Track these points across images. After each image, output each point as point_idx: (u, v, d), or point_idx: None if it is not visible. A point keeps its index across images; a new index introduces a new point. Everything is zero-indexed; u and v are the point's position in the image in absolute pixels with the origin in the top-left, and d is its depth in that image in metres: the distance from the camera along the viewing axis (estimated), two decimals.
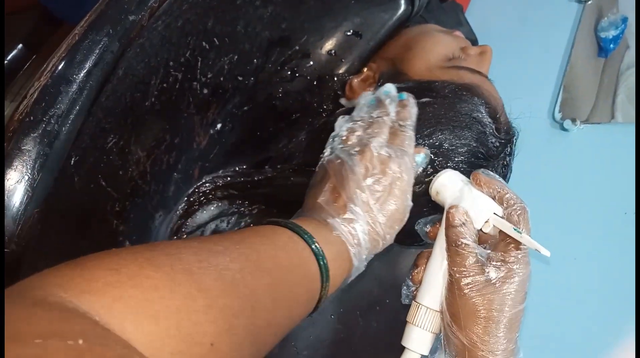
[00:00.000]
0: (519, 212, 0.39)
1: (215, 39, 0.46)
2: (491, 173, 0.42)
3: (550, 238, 0.66)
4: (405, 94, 0.45)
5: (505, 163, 0.48)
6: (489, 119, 0.47)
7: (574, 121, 0.71)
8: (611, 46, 0.77)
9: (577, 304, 0.63)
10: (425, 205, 0.45)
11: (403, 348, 0.42)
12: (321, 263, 0.36)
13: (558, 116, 0.72)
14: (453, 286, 0.38)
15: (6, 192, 0.32)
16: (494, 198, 0.40)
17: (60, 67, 0.33)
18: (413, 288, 0.42)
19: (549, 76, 0.75)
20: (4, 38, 0.55)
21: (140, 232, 0.47)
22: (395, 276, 0.60)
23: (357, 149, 0.41)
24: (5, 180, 0.32)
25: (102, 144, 0.41)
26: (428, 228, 0.43)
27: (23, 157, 0.32)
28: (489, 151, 0.46)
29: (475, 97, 0.47)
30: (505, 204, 0.40)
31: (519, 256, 0.38)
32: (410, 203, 0.42)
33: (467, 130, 0.45)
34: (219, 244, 0.32)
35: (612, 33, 0.77)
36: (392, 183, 0.40)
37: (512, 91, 0.52)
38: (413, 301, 0.41)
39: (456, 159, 0.45)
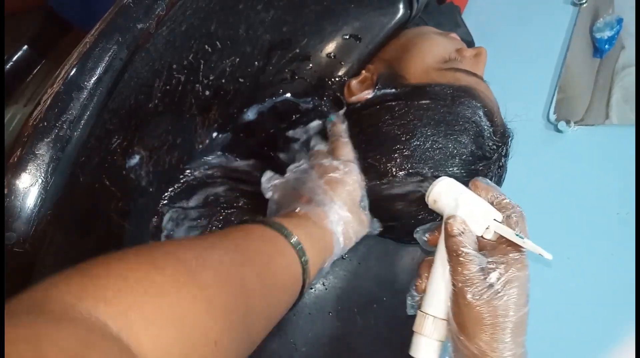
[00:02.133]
0: (517, 218, 0.40)
1: (217, 42, 0.47)
2: (488, 180, 0.43)
3: (544, 237, 0.67)
4: (333, 116, 0.50)
5: (500, 164, 0.49)
6: (487, 122, 0.48)
7: (568, 122, 0.72)
8: (606, 46, 0.78)
9: (571, 303, 0.64)
10: (420, 210, 0.46)
11: (409, 355, 0.42)
12: (297, 248, 0.38)
13: (553, 117, 0.73)
14: (457, 296, 0.38)
15: (20, 194, 0.33)
16: (492, 204, 0.41)
17: (72, 74, 0.35)
18: (418, 298, 0.43)
19: (544, 77, 0.76)
20: (4, 41, 0.56)
21: (144, 230, 0.48)
22: (393, 274, 0.62)
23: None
24: (20, 183, 0.33)
25: (106, 145, 0.42)
26: (427, 237, 0.43)
27: (37, 161, 0.33)
28: (485, 153, 0.47)
29: (473, 100, 0.47)
30: (503, 210, 0.40)
31: (518, 259, 0.39)
32: (362, 183, 0.45)
33: (465, 134, 0.46)
34: (207, 240, 0.34)
35: (607, 34, 0.78)
36: (343, 174, 0.44)
37: (507, 92, 0.53)
38: (419, 311, 0.41)
39: (454, 162, 0.46)
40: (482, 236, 0.40)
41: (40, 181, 0.33)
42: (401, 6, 0.53)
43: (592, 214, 0.66)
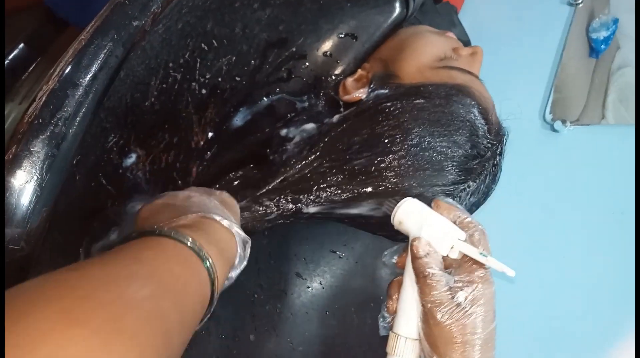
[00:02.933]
0: (480, 236, 0.41)
1: (214, 40, 0.47)
2: (450, 199, 0.44)
3: (540, 237, 0.68)
4: None
5: (495, 162, 0.49)
6: (481, 121, 0.48)
7: (564, 122, 0.72)
8: (602, 46, 0.78)
9: (567, 302, 0.64)
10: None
11: None
12: (210, 271, 0.34)
13: (549, 117, 0.73)
14: (427, 316, 0.39)
15: (16, 192, 0.33)
16: (454, 223, 0.42)
17: (67, 71, 0.34)
18: (389, 319, 0.43)
19: (540, 76, 0.76)
20: (4, 39, 0.56)
21: None
22: (389, 272, 0.62)
23: None
24: (15, 180, 0.33)
25: (102, 143, 0.42)
26: (395, 259, 0.44)
27: (32, 158, 0.33)
28: (479, 152, 0.47)
29: (467, 98, 0.48)
30: (466, 229, 0.41)
31: (483, 276, 0.39)
32: None
33: (460, 132, 0.46)
34: (123, 268, 0.29)
35: (603, 34, 0.78)
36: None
37: (503, 92, 0.53)
38: (390, 332, 0.42)
39: (450, 161, 0.46)
40: (447, 256, 0.41)
41: (35, 178, 0.33)
42: (397, 5, 0.53)
43: (588, 213, 0.66)
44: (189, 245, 0.33)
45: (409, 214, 0.42)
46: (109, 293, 0.25)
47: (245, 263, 0.39)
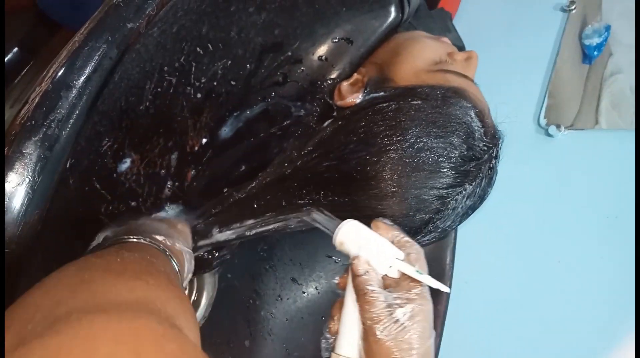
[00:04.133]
0: (417, 254, 0.42)
1: (209, 44, 0.47)
2: (388, 220, 0.45)
3: (535, 241, 0.68)
4: None
5: (491, 165, 0.49)
6: (478, 123, 0.48)
7: (558, 127, 0.72)
8: (595, 53, 0.79)
9: (563, 305, 0.64)
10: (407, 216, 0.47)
11: None
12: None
13: (543, 121, 0.74)
14: (367, 334, 0.39)
15: (7, 194, 0.32)
16: (392, 243, 0.43)
17: (60, 73, 0.34)
18: (331, 340, 0.43)
19: (535, 82, 0.77)
20: (4, 38, 0.56)
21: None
22: None
23: None
24: (7, 182, 0.32)
25: (96, 147, 0.42)
26: (337, 280, 0.44)
27: (24, 160, 0.33)
28: (475, 154, 0.47)
29: (464, 101, 0.48)
30: (403, 248, 0.42)
31: (420, 293, 0.40)
32: None
33: (456, 134, 0.46)
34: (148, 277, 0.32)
35: (595, 40, 0.79)
36: None
37: (498, 97, 0.53)
38: (333, 354, 0.42)
39: (446, 163, 0.46)
40: (386, 275, 0.42)
41: (27, 180, 0.33)
42: (392, 9, 0.54)
43: (582, 217, 0.67)
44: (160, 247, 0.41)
45: (348, 235, 0.42)
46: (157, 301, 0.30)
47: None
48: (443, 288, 0.41)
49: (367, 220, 0.46)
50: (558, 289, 0.64)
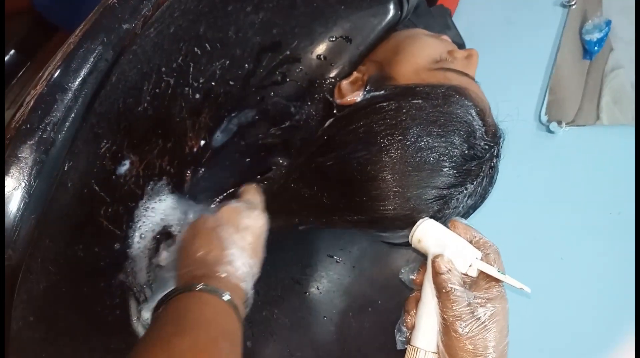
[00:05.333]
0: (494, 255, 0.44)
1: (207, 44, 0.46)
2: (464, 220, 0.46)
3: (537, 238, 0.67)
4: None
5: (492, 164, 0.49)
6: (479, 122, 0.47)
7: (559, 123, 0.72)
8: (595, 48, 0.79)
9: (565, 302, 0.64)
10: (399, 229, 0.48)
11: None
12: (237, 316, 0.41)
13: (544, 118, 0.73)
14: (449, 330, 0.41)
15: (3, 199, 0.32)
16: (471, 243, 0.44)
17: (55, 75, 0.34)
18: (407, 333, 0.45)
19: (535, 78, 0.77)
20: (4, 38, 0.55)
21: (134, 236, 0.48)
22: (386, 276, 0.61)
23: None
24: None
25: (95, 150, 0.42)
26: (413, 276, 0.46)
27: (20, 164, 0.32)
28: (477, 153, 0.47)
29: (465, 99, 0.47)
30: (481, 248, 0.44)
31: (499, 293, 0.42)
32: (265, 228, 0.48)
33: (457, 133, 0.46)
34: (178, 344, 0.35)
35: (596, 36, 0.78)
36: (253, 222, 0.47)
37: (499, 94, 0.53)
38: (409, 345, 0.44)
39: (448, 162, 0.46)
40: (465, 274, 0.43)
41: (23, 184, 0.33)
42: (391, 7, 0.53)
43: (585, 213, 0.67)
44: (225, 301, 0.40)
45: (427, 233, 0.44)
46: None
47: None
48: (525, 288, 0.42)
49: (371, 221, 0.46)
50: (561, 286, 0.64)
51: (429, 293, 0.43)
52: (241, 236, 0.45)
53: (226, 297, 0.40)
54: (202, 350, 0.35)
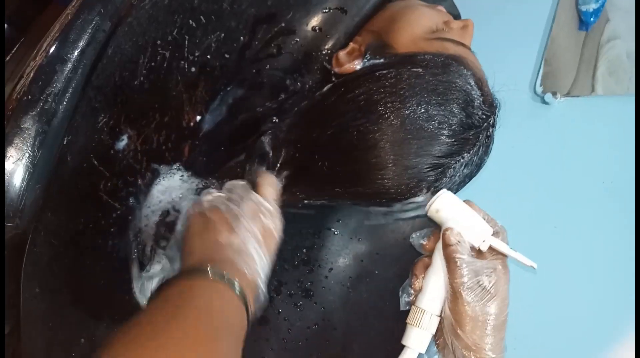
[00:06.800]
0: (502, 233, 0.47)
1: (201, 16, 0.46)
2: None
3: (532, 208, 0.68)
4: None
5: (488, 134, 0.50)
6: (477, 91, 0.48)
7: (554, 94, 0.72)
8: (591, 19, 0.78)
9: (557, 269, 0.65)
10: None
11: (400, 325, 0.47)
12: (246, 305, 0.39)
13: (539, 89, 0.73)
14: (456, 297, 0.44)
15: (8, 169, 0.32)
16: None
17: (54, 47, 0.34)
18: (412, 296, 0.48)
19: (531, 49, 0.76)
20: (4, 37, 0.54)
21: (134, 210, 0.48)
22: (383, 247, 0.62)
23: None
24: (7, 158, 0.32)
25: (93, 124, 0.42)
26: (424, 241, 0.48)
27: (23, 135, 0.33)
28: (475, 122, 0.48)
29: (464, 68, 0.48)
30: (492, 226, 0.46)
31: (503, 265, 0.45)
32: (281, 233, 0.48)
33: (456, 102, 0.46)
34: (174, 330, 0.32)
35: (592, 6, 0.78)
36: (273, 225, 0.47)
37: (494, 65, 0.53)
38: (414, 306, 0.47)
39: (446, 130, 0.46)
40: (477, 248, 0.46)
41: (27, 154, 0.33)
42: None
43: (579, 183, 0.67)
44: (237, 292, 0.39)
45: (446, 205, 0.46)
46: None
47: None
48: (533, 264, 0.45)
49: (370, 193, 0.48)
50: (554, 254, 0.65)
51: (438, 261, 0.46)
52: (262, 234, 0.45)
53: (238, 289, 0.39)
54: (200, 343, 0.32)
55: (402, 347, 0.47)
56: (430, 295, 0.46)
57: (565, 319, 0.65)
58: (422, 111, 0.46)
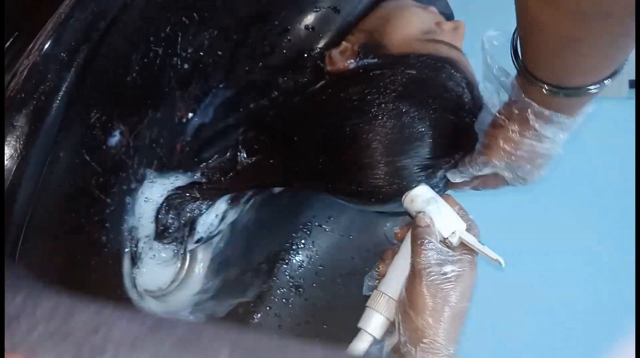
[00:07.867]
0: (475, 230, 0.47)
1: (195, 13, 0.46)
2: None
3: (532, 208, 0.69)
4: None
5: (477, 137, 0.50)
6: (468, 95, 0.49)
7: None
8: None
9: (559, 270, 0.66)
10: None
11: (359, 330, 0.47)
12: None
13: None
14: (414, 276, 0.43)
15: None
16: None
17: (47, 45, 0.34)
18: (376, 281, 0.48)
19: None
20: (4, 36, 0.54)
21: (125, 205, 0.48)
22: (375, 244, 0.63)
23: None
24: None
25: (85, 119, 0.42)
26: (396, 230, 0.49)
27: (16, 133, 0.33)
28: (465, 125, 0.49)
29: (457, 72, 0.48)
30: (466, 223, 0.47)
31: (471, 261, 0.45)
32: None
33: (448, 106, 0.47)
34: None
35: None
36: None
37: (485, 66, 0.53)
38: (376, 290, 0.46)
39: (437, 133, 0.47)
40: (447, 239, 0.46)
41: (20, 153, 0.33)
42: None
43: (578, 183, 0.68)
44: None
45: (420, 195, 0.46)
46: None
47: None
48: (500, 260, 0.45)
49: (362, 193, 0.48)
50: (554, 254, 0.66)
51: (406, 248, 0.46)
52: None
53: None
54: None
55: None
56: (392, 279, 0.46)
57: (566, 319, 0.66)
58: (415, 112, 0.46)
